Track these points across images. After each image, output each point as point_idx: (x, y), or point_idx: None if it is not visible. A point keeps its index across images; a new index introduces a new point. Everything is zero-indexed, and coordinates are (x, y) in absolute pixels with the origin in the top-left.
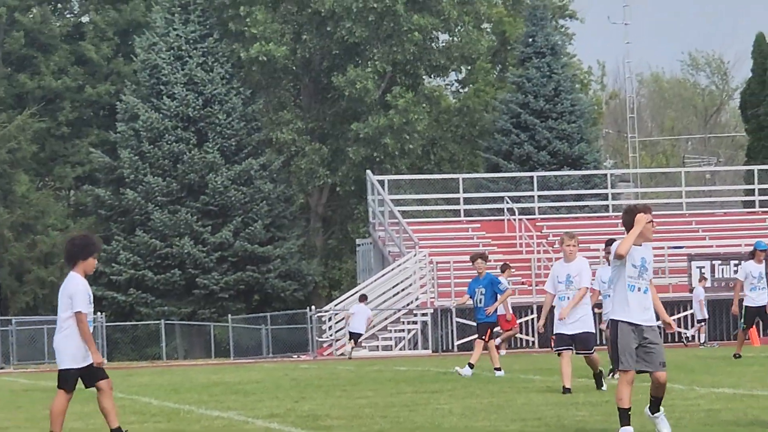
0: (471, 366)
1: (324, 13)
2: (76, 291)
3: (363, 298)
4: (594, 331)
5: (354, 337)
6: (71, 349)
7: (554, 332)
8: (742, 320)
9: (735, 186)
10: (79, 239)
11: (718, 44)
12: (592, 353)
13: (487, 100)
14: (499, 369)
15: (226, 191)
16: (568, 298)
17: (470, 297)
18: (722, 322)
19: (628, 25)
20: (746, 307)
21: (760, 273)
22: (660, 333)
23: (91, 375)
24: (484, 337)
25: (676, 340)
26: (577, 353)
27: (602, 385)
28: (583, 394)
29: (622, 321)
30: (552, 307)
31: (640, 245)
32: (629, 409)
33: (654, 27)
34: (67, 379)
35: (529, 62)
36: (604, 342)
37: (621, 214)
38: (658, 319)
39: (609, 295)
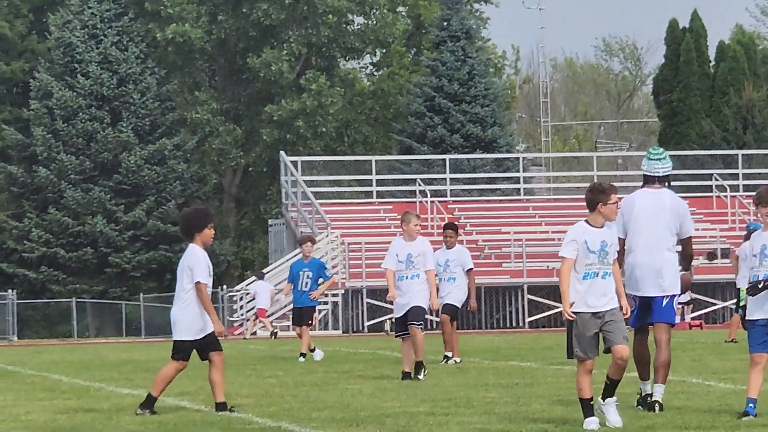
0: (303, 355)
1: None
2: (196, 262)
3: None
4: (425, 306)
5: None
6: (188, 320)
7: (394, 317)
8: (741, 303)
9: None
10: (192, 212)
11: (632, 30)
12: (420, 325)
13: (401, 83)
14: (313, 350)
15: (139, 170)
16: (407, 278)
17: (292, 282)
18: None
19: (542, 10)
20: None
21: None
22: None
23: (206, 347)
24: (310, 322)
25: None
26: (408, 323)
27: (420, 374)
28: (492, 376)
29: (579, 312)
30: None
31: (601, 227)
32: (591, 399)
33: (568, 12)
34: (180, 350)
35: (444, 46)
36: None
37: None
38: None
39: (444, 279)
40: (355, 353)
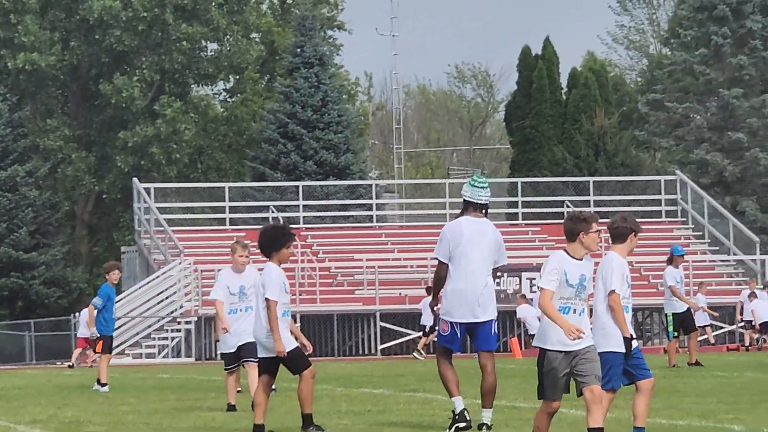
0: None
1: (92, 20)
2: (267, 280)
3: None
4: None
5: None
6: (264, 338)
7: (221, 351)
8: (671, 328)
9: (499, 198)
10: (271, 231)
11: (485, 57)
12: (257, 361)
13: (255, 109)
14: (104, 384)
15: None
16: (241, 310)
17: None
18: None
19: (395, 36)
20: (673, 314)
21: (681, 277)
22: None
23: (294, 364)
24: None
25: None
26: (243, 362)
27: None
28: (345, 403)
29: (550, 349)
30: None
31: (581, 259)
32: None
33: (421, 39)
34: (263, 366)
35: (297, 72)
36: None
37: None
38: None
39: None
40: (207, 381)
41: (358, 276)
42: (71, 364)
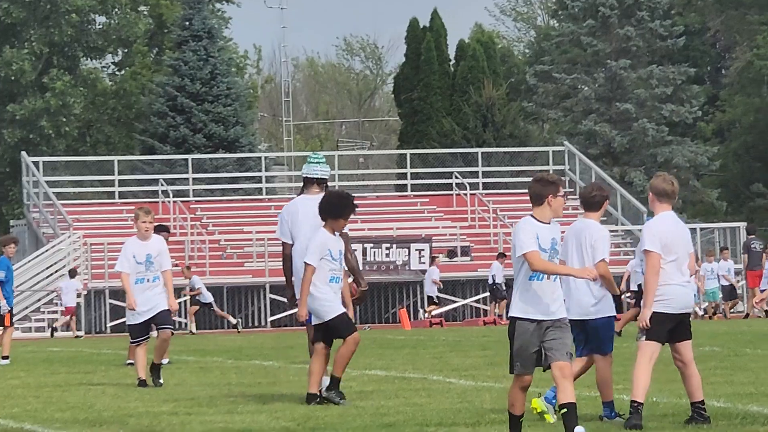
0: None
1: None
2: (312, 244)
3: (73, 273)
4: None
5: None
6: (317, 307)
7: (128, 323)
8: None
9: (388, 170)
10: (335, 197)
11: (373, 29)
12: (170, 329)
13: (143, 83)
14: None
15: None
16: (148, 280)
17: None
18: (373, 305)
19: (284, 9)
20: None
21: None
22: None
23: (339, 328)
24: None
25: None
26: (158, 329)
27: (159, 379)
28: (235, 375)
29: (522, 317)
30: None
31: (549, 223)
32: (521, 416)
33: (310, 12)
34: (317, 334)
35: (186, 45)
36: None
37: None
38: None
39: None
40: (98, 354)
41: (247, 248)
42: None
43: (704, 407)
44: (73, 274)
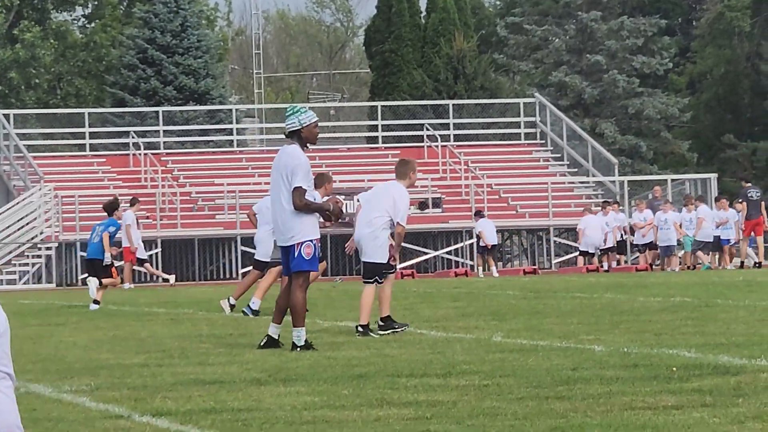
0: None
1: None
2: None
3: (134, 202)
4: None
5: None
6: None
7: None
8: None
9: (359, 122)
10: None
11: None
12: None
13: (114, 35)
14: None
15: None
16: None
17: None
18: (345, 257)
19: None
20: None
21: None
22: None
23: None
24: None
25: None
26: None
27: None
28: (206, 327)
29: None
30: None
31: None
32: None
33: None
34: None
35: None
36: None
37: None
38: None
39: None
40: (69, 306)
41: (218, 201)
42: None
43: None
44: (134, 202)
